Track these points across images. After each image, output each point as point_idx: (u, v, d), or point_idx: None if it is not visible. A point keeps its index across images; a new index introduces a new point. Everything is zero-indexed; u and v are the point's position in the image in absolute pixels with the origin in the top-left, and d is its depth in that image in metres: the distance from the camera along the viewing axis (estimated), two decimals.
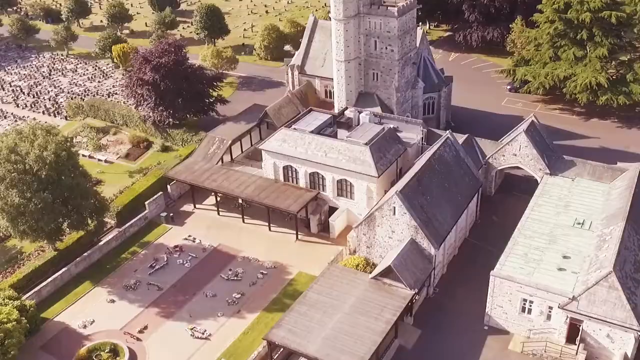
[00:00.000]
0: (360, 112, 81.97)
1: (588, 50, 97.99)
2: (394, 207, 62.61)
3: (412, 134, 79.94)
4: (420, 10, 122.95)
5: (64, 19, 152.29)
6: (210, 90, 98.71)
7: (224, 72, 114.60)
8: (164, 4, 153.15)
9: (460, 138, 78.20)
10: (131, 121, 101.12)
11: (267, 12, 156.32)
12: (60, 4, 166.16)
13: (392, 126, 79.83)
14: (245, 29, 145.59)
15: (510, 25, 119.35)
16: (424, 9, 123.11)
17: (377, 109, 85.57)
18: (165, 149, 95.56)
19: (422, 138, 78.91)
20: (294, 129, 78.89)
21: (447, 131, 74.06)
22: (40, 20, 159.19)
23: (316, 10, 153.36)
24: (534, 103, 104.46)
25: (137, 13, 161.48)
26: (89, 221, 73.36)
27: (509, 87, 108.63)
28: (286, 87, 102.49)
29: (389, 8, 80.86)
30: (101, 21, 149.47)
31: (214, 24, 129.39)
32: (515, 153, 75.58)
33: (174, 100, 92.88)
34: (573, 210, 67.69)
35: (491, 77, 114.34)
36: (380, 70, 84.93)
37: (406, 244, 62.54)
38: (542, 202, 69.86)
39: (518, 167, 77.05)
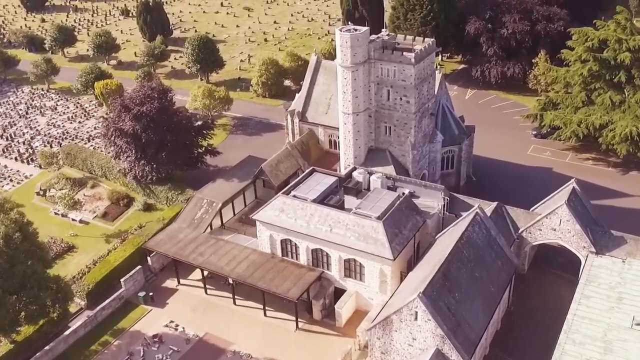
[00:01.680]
0: (370, 174, 70.47)
1: (627, 94, 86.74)
2: (416, 312, 50.99)
3: (431, 200, 68.48)
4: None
5: (47, 48, 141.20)
6: (200, 139, 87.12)
7: (217, 112, 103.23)
8: (154, 32, 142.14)
9: (487, 205, 66.88)
10: (111, 173, 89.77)
11: (265, 40, 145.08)
12: (46, 30, 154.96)
13: (408, 191, 68.43)
14: (242, 60, 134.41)
15: (533, 61, 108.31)
16: (436, 40, 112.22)
17: (390, 169, 74.12)
18: (147, 208, 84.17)
19: (444, 206, 67.28)
20: (294, 196, 67.41)
21: (476, 206, 62.34)
22: (23, 49, 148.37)
23: (318, 37, 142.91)
24: (563, 152, 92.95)
25: (127, 41, 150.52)
26: (52, 310, 61.69)
27: (534, 132, 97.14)
28: (285, 132, 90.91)
29: (404, 53, 69.50)
30: (87, 50, 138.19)
31: (207, 57, 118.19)
32: (554, 228, 64.05)
33: (157, 154, 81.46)
34: (629, 305, 56.25)
35: (513, 120, 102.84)
36: (393, 123, 73.51)
37: (431, 356, 50.76)
38: (589, 292, 58.36)
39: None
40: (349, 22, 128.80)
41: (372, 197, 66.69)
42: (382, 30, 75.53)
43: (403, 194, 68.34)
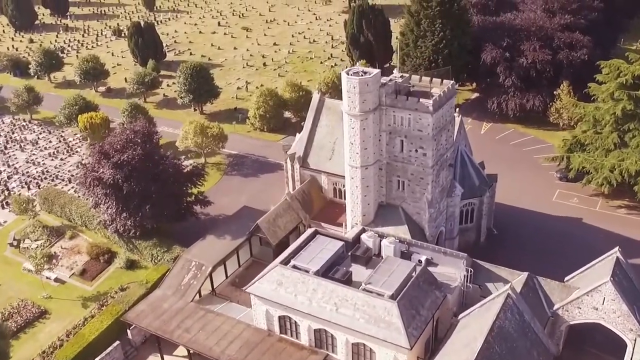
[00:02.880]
0: (381, 238, 61.46)
1: None
2: None
3: (452, 269, 59.55)
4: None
5: (32, 74, 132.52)
6: (189, 186, 78.17)
7: (210, 150, 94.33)
8: (146, 55, 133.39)
9: (516, 276, 58.03)
10: (91, 223, 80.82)
11: (264, 64, 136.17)
12: (33, 51, 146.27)
13: (424, 258, 59.53)
14: (239, 87, 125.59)
15: (554, 92, 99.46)
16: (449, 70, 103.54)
17: (404, 229, 65.17)
18: (130, 265, 75.30)
19: (467, 277, 58.21)
20: (294, 266, 58.35)
21: (507, 286, 53.17)
22: (7, 73, 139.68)
23: (321, 62, 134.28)
24: (593, 198, 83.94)
25: (118, 64, 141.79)
26: None
27: (558, 174, 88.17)
28: (284, 177, 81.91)
29: (420, 100, 60.48)
30: (75, 75, 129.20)
31: (201, 86, 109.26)
32: (596, 307, 54.98)
33: (140, 206, 72.44)
34: None
35: (534, 159, 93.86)
36: (407, 178, 64.52)
37: None
38: None
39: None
40: (353, 48, 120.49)
41: (384, 268, 57.61)
42: (394, 71, 66.60)
43: (420, 262, 59.65)
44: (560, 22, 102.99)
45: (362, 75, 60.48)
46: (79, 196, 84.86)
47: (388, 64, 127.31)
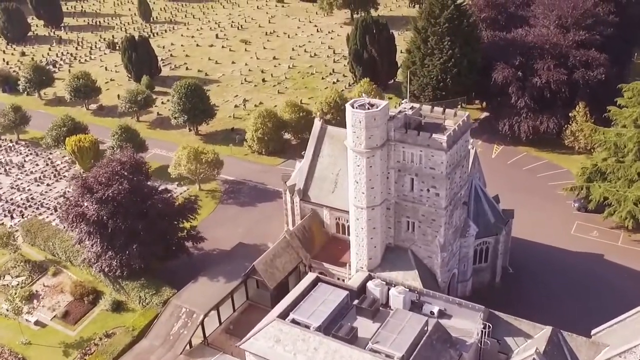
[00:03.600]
0: (390, 287, 55.76)
1: None
2: None
3: (467, 322, 53.76)
4: (453, 91, 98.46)
5: (21, 90, 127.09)
6: (181, 221, 72.58)
7: (205, 176, 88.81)
8: (141, 71, 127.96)
9: (538, 330, 52.41)
10: (76, 259, 75.24)
11: (264, 80, 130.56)
12: (23, 65, 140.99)
13: (437, 309, 53.88)
14: (236, 105, 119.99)
15: (570, 114, 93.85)
16: (457, 91, 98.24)
17: (414, 274, 59.67)
18: (117, 307, 69.78)
19: (485, 334, 52.41)
20: (293, 320, 52.64)
21: (532, 351, 47.43)
22: None
23: (322, 77, 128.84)
24: (614, 231, 78.25)
25: (111, 80, 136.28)
26: None
27: (576, 204, 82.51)
28: (283, 210, 76.30)
29: (433, 136, 54.76)
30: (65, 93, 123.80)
31: (196, 106, 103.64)
32: None
33: (127, 245, 66.80)
34: None
35: (549, 186, 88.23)
36: (418, 219, 58.84)
37: None
38: None
39: None
40: (357, 64, 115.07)
41: (393, 323, 51.87)
42: (403, 101, 60.93)
43: (432, 313, 54.00)
44: (574, 38, 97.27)
45: (368, 109, 54.85)
46: (64, 227, 79.06)
47: (392, 81, 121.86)
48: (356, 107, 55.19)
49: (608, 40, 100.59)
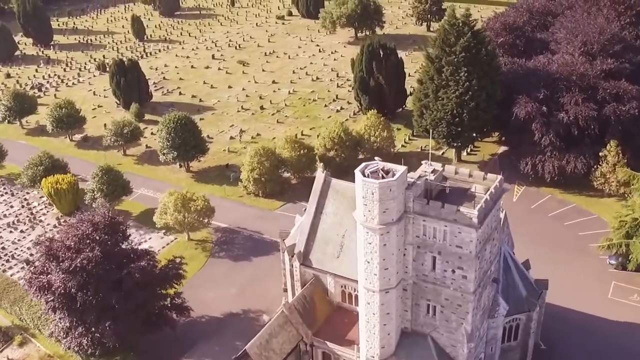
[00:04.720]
0: None
1: None
2: None
3: None
4: (469, 127, 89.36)
5: (1, 119, 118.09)
6: (165, 287, 63.18)
7: (194, 226, 79.37)
8: (130, 97, 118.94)
9: None
10: (44, 328, 65.72)
11: (262, 107, 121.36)
12: (6, 88, 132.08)
13: None
14: (232, 137, 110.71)
15: (600, 153, 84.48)
16: (474, 126, 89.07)
17: None
18: None
19: None
20: None
21: None
22: None
23: (325, 105, 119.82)
24: None
25: (99, 106, 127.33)
26: None
27: (612, 262, 73.13)
28: (282, 273, 66.80)
29: (461, 209, 45.20)
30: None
31: (186, 142, 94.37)
32: None
33: (99, 321, 57.40)
34: None
35: (579, 236, 79.00)
36: (440, 303, 49.40)
37: None
38: None
39: None
40: (362, 93, 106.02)
41: None
42: (422, 162, 51.28)
43: None
44: (602, 67, 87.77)
45: (382, 176, 45.39)
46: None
47: (401, 109, 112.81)
48: (367, 175, 45.72)
49: (638, 69, 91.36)
